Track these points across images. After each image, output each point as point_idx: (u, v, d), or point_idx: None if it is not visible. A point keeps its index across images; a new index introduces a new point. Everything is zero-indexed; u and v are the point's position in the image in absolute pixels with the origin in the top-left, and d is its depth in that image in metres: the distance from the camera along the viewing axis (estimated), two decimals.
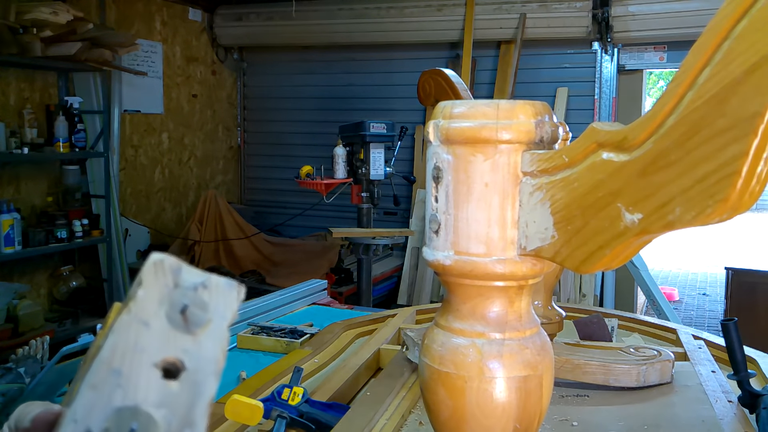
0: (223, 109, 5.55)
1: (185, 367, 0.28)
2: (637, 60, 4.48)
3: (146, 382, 0.28)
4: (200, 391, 0.28)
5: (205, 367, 0.29)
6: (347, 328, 1.42)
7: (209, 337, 0.29)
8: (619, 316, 1.53)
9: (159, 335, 0.28)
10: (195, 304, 0.29)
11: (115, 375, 0.28)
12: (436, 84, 1.14)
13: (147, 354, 0.28)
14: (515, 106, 0.52)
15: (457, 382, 0.54)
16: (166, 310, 0.29)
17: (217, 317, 0.30)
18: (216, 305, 0.30)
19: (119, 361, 0.28)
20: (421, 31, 4.71)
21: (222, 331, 0.30)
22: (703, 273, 7.64)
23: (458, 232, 0.54)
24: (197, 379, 0.29)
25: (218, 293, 0.30)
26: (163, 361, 0.28)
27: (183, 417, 0.28)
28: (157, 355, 0.28)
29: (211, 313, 0.30)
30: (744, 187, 0.40)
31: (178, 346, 0.29)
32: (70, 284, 3.94)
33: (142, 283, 0.29)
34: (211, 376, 0.29)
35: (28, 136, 3.59)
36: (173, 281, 0.29)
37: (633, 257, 0.58)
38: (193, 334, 0.29)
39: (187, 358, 0.29)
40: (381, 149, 3.56)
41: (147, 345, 0.28)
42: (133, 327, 0.28)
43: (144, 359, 0.28)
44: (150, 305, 0.29)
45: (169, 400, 0.28)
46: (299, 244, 4.87)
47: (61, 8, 3.51)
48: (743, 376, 0.95)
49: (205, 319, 0.29)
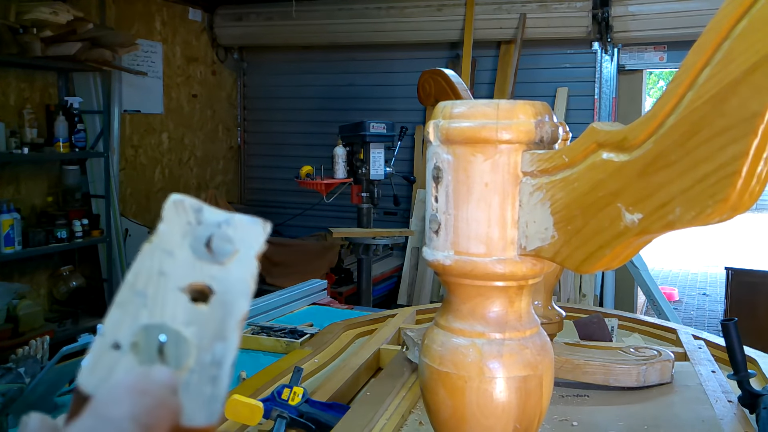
0: (223, 109, 5.55)
1: (213, 291, 0.28)
2: (637, 60, 4.48)
3: (173, 304, 0.27)
4: (231, 310, 0.28)
5: (235, 288, 0.28)
6: (347, 328, 1.42)
7: (237, 265, 0.29)
8: (619, 316, 1.53)
9: (184, 263, 0.28)
10: (220, 237, 0.29)
11: (140, 296, 0.27)
12: (436, 84, 1.14)
13: (172, 279, 0.28)
14: (515, 106, 0.52)
15: (457, 382, 0.54)
16: (190, 242, 0.29)
17: (245, 247, 0.29)
18: (242, 238, 0.29)
19: (143, 284, 0.28)
20: (421, 31, 4.71)
21: (250, 259, 0.29)
22: (703, 273, 7.64)
23: (458, 232, 0.54)
24: (227, 299, 0.28)
25: (243, 228, 0.30)
26: (190, 287, 0.28)
27: (214, 332, 0.27)
28: (182, 281, 0.28)
29: (238, 244, 0.29)
30: (744, 187, 0.40)
31: (205, 273, 0.28)
32: (70, 284, 3.94)
33: (163, 219, 0.29)
34: (242, 296, 0.28)
35: (28, 136, 3.59)
36: (195, 218, 0.29)
37: (633, 257, 0.58)
38: (220, 264, 0.29)
39: (215, 284, 0.28)
40: (381, 149, 3.56)
41: (171, 272, 0.28)
42: (157, 255, 0.28)
43: (169, 284, 0.28)
44: (173, 237, 0.29)
45: (198, 319, 0.27)
46: (299, 244, 4.87)
47: (61, 8, 3.51)
48: (743, 376, 0.95)
49: (232, 250, 0.29)
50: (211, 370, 0.27)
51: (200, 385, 0.27)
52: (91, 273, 4.21)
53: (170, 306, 0.27)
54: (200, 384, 0.27)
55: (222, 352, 0.27)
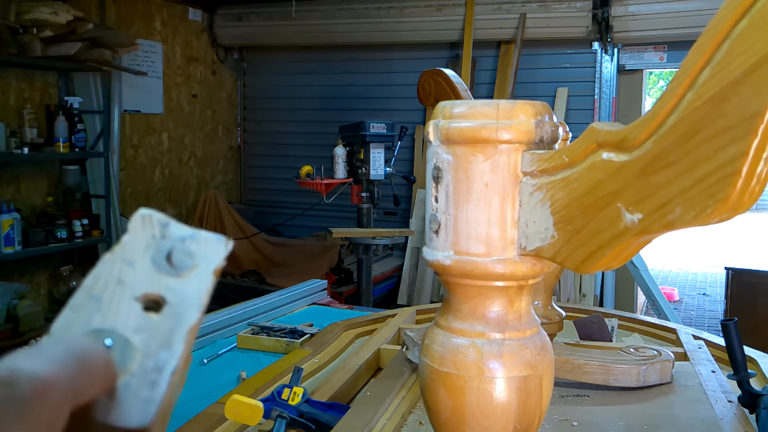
0: (223, 109, 5.55)
1: (167, 301, 0.29)
2: (637, 60, 4.48)
3: (126, 311, 0.28)
4: (181, 321, 0.29)
5: (188, 301, 0.29)
6: (347, 328, 1.42)
7: (195, 278, 0.30)
8: (619, 316, 1.53)
9: (142, 274, 0.29)
10: (181, 251, 0.30)
11: (95, 300, 0.28)
12: (436, 84, 1.14)
13: (129, 288, 0.29)
14: (515, 106, 0.52)
15: (457, 382, 0.54)
16: (151, 254, 0.29)
17: (204, 262, 0.30)
18: (203, 253, 0.30)
19: (100, 289, 0.28)
20: (421, 31, 4.71)
21: (208, 273, 0.30)
22: (703, 273, 7.64)
23: (458, 232, 0.54)
24: (179, 311, 0.29)
25: (206, 244, 0.30)
26: (145, 296, 0.29)
27: (161, 340, 0.28)
28: (138, 290, 0.29)
29: (198, 259, 0.30)
30: (744, 187, 0.40)
31: (162, 285, 0.29)
32: (70, 284, 3.94)
33: (129, 231, 0.30)
34: (194, 308, 0.29)
35: (28, 136, 3.59)
36: (160, 233, 0.30)
37: (633, 257, 0.58)
38: (178, 277, 0.29)
39: (170, 295, 0.29)
40: (381, 149, 3.56)
41: (129, 280, 0.29)
42: (117, 264, 0.29)
43: (126, 292, 0.29)
44: (135, 249, 0.29)
45: (148, 327, 0.28)
46: (299, 244, 4.87)
47: (61, 8, 3.51)
48: (743, 376, 0.95)
49: (191, 264, 0.30)
50: (151, 375, 0.28)
51: (139, 388, 0.27)
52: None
53: (123, 313, 0.28)
54: (139, 387, 0.27)
55: (165, 359, 0.28)
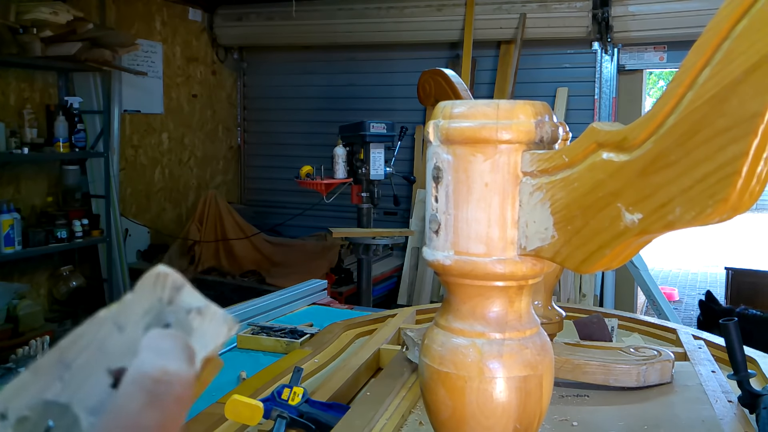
0: (223, 109, 5.55)
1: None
2: (637, 60, 4.48)
3: (92, 385, 0.26)
4: None
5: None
6: (347, 328, 1.42)
7: None
8: (619, 316, 1.53)
9: (129, 343, 0.26)
10: (180, 325, 0.27)
11: (63, 367, 0.26)
12: (436, 84, 1.14)
13: (107, 357, 0.26)
14: (515, 106, 0.52)
15: (457, 382, 0.54)
16: (148, 321, 0.27)
17: (199, 347, 0.27)
18: (202, 334, 0.27)
19: (74, 354, 0.26)
20: (421, 31, 4.71)
21: (197, 360, 0.27)
22: (703, 273, 7.63)
23: (458, 232, 0.54)
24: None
25: (210, 323, 0.28)
26: (120, 370, 0.26)
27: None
28: (116, 362, 0.26)
29: (194, 341, 0.27)
30: (744, 187, 0.40)
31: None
32: (70, 284, 3.94)
33: (135, 289, 0.27)
34: None
35: (28, 136, 3.59)
36: (169, 297, 0.27)
37: (633, 257, 0.58)
38: None
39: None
40: (381, 149, 3.56)
41: (111, 349, 0.26)
42: (106, 326, 0.27)
43: (101, 361, 0.26)
44: (133, 312, 0.27)
45: (104, 407, 0.26)
46: (299, 244, 4.87)
47: (61, 8, 3.51)
48: (743, 376, 0.95)
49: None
50: None
51: None
52: (91, 273, 4.21)
53: (88, 386, 0.26)
54: None
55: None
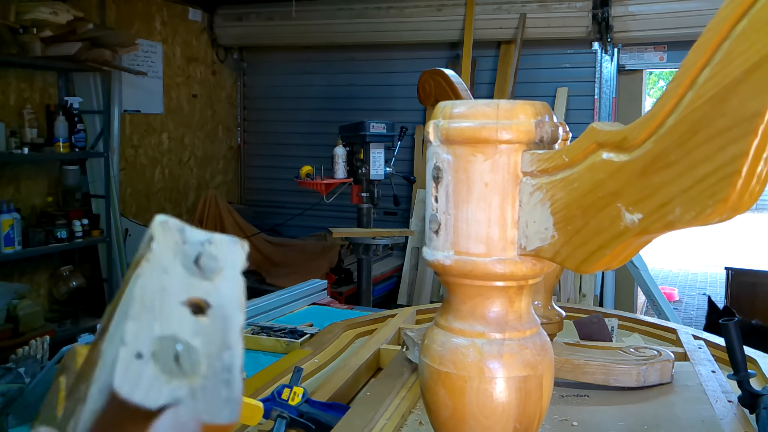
0: (223, 109, 5.55)
1: (210, 305, 0.30)
2: (637, 60, 4.48)
3: (178, 317, 0.29)
4: (230, 323, 0.30)
5: (229, 303, 0.30)
6: (347, 328, 1.42)
7: (226, 281, 0.31)
8: (619, 316, 1.53)
9: (179, 280, 0.30)
10: (207, 255, 0.31)
11: (150, 310, 0.29)
12: (436, 84, 1.14)
13: (173, 294, 0.30)
14: (515, 106, 0.52)
15: (457, 382, 0.54)
16: (180, 260, 0.30)
17: (229, 265, 0.31)
18: (225, 256, 0.31)
19: (150, 299, 0.29)
20: (421, 31, 4.71)
21: (236, 275, 0.31)
22: (703, 273, 7.64)
23: (458, 232, 0.54)
24: (224, 313, 0.30)
25: (224, 247, 0.31)
26: (189, 301, 0.30)
27: (220, 342, 0.29)
28: (181, 296, 0.30)
29: (222, 262, 0.31)
30: (744, 187, 0.40)
31: (199, 289, 0.30)
32: (70, 284, 3.94)
33: (154, 238, 0.30)
34: (237, 309, 0.30)
35: (28, 136, 3.59)
36: (181, 238, 0.31)
37: (633, 257, 0.58)
38: (209, 280, 0.31)
39: (210, 298, 0.30)
40: (381, 149, 3.56)
41: (171, 287, 0.30)
42: (155, 273, 0.30)
43: (172, 299, 0.30)
44: (166, 256, 0.30)
45: (202, 331, 0.29)
46: (299, 244, 4.87)
47: (61, 8, 3.51)
48: (743, 376, 0.95)
49: (218, 267, 0.31)
50: (223, 375, 0.29)
51: (216, 388, 0.28)
52: (91, 273, 4.21)
53: (176, 319, 0.29)
54: (216, 387, 0.28)
55: (230, 360, 0.29)
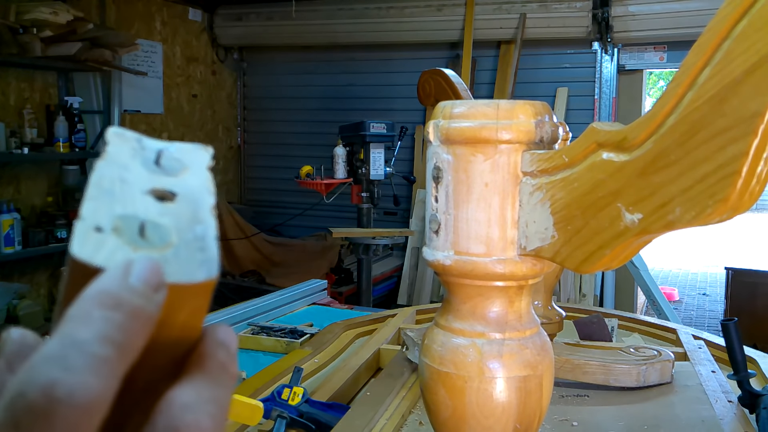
0: (223, 109, 5.55)
1: (176, 194, 0.28)
2: (637, 60, 4.48)
3: (142, 202, 0.28)
4: (199, 203, 0.28)
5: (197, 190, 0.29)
6: (347, 328, 1.42)
7: (192, 176, 0.29)
8: (619, 316, 1.53)
9: (140, 175, 0.28)
10: (168, 156, 0.29)
11: (109, 194, 0.27)
12: (436, 84, 1.14)
13: (134, 185, 0.28)
14: (515, 106, 0.52)
15: (457, 382, 0.54)
16: (140, 160, 0.28)
17: (194, 165, 0.29)
18: (189, 158, 0.29)
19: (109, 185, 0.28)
20: (421, 31, 4.71)
21: (203, 171, 0.29)
22: (703, 273, 7.64)
23: (458, 232, 0.54)
24: (193, 197, 0.28)
25: (187, 151, 0.29)
26: (153, 190, 0.28)
27: (190, 218, 0.28)
28: (144, 187, 0.28)
29: (186, 162, 0.29)
30: (744, 187, 0.40)
31: (164, 183, 0.28)
32: None
33: (108, 143, 0.28)
34: (206, 193, 0.29)
35: (28, 136, 3.59)
36: (139, 145, 0.29)
37: (633, 257, 0.58)
38: (172, 176, 0.29)
39: (177, 189, 0.28)
40: (381, 149, 3.56)
41: (131, 180, 0.28)
42: (113, 168, 0.28)
43: (134, 188, 0.28)
44: (123, 156, 0.28)
45: (170, 212, 0.28)
46: (299, 244, 4.87)
47: (61, 8, 3.51)
48: (743, 376, 0.95)
49: (181, 166, 0.29)
50: (196, 243, 0.27)
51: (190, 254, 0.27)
52: None
53: (140, 203, 0.27)
54: (189, 253, 0.27)
55: (203, 231, 0.28)
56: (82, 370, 0.21)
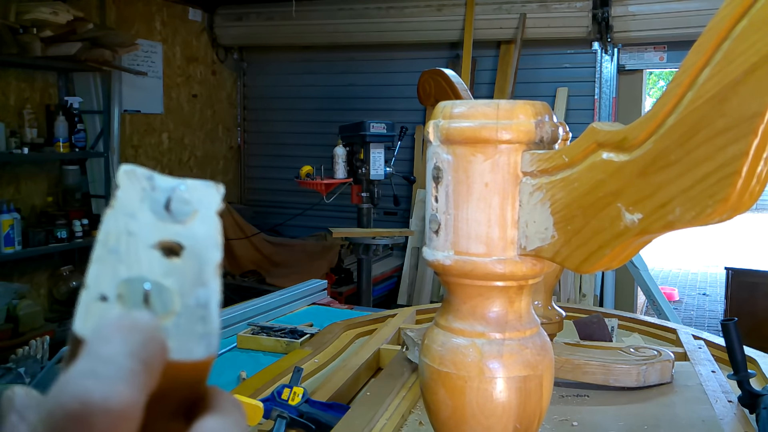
0: (223, 109, 5.55)
1: (183, 246, 0.28)
2: (637, 60, 4.48)
3: (147, 259, 0.27)
4: (205, 260, 0.28)
5: (204, 242, 0.28)
6: (347, 328, 1.42)
7: (200, 223, 0.29)
8: (619, 316, 1.53)
9: (148, 224, 0.28)
10: (177, 199, 0.29)
11: (114, 253, 0.27)
12: (436, 84, 1.14)
13: (140, 238, 0.28)
14: (515, 106, 0.52)
15: (457, 382, 0.54)
16: (149, 205, 0.28)
17: (203, 207, 0.29)
18: (199, 199, 0.29)
19: (115, 243, 0.27)
20: (421, 31, 4.71)
21: (212, 217, 0.29)
22: (703, 273, 7.64)
23: (458, 232, 0.54)
24: (199, 252, 0.28)
25: (197, 190, 0.29)
26: (160, 243, 0.28)
27: (193, 280, 0.27)
28: (150, 239, 0.28)
29: (196, 204, 0.29)
30: (744, 187, 0.40)
31: (171, 232, 0.28)
32: (70, 284, 3.94)
33: (119, 186, 0.28)
34: (213, 247, 0.28)
35: (28, 136, 3.59)
36: (149, 185, 0.29)
37: (633, 257, 0.58)
38: (182, 223, 0.28)
39: (183, 240, 0.28)
40: (381, 149, 3.56)
41: (138, 231, 0.28)
42: (120, 218, 0.28)
43: (139, 243, 0.28)
44: (132, 202, 0.28)
45: (174, 271, 0.27)
46: (299, 244, 4.87)
47: (61, 8, 3.51)
48: (743, 376, 0.95)
49: (191, 210, 0.29)
50: (198, 312, 0.27)
51: (190, 325, 0.27)
52: None
53: (145, 261, 0.27)
54: (190, 324, 0.27)
55: (206, 296, 0.27)
56: (113, 380, 0.22)
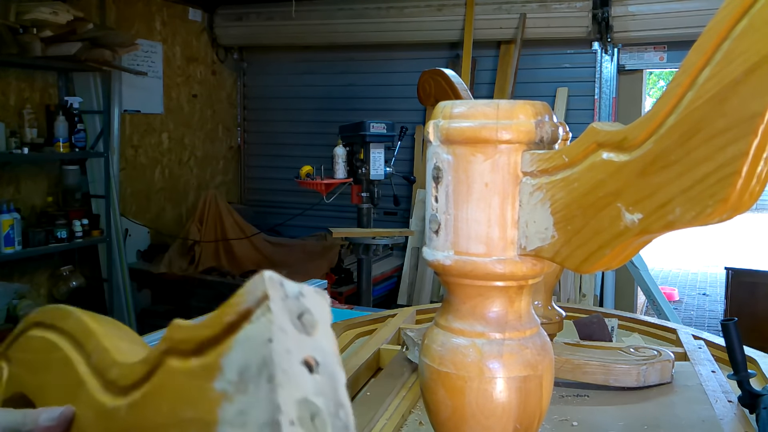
0: (223, 109, 5.54)
1: (318, 362, 0.31)
2: (637, 60, 4.48)
3: (303, 377, 0.30)
4: (337, 379, 0.32)
5: (331, 359, 0.32)
6: (347, 328, 1.42)
7: (323, 336, 0.32)
8: (619, 316, 1.53)
9: (293, 339, 0.31)
10: (304, 310, 0.32)
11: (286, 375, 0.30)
12: (436, 84, 1.14)
13: (294, 355, 0.31)
14: (515, 106, 0.52)
15: (457, 382, 0.54)
16: (290, 318, 0.32)
17: (322, 320, 0.33)
18: (316, 309, 0.33)
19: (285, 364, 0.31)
20: (421, 31, 4.71)
21: (328, 330, 0.33)
22: (703, 273, 7.64)
23: (458, 232, 0.54)
24: (330, 369, 0.31)
25: (313, 299, 0.33)
26: (305, 360, 0.31)
27: (334, 401, 0.31)
28: (299, 355, 0.31)
29: (316, 315, 0.32)
30: (744, 187, 0.40)
31: (307, 346, 0.31)
32: (70, 284, 3.94)
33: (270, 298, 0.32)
34: (338, 366, 0.32)
35: (28, 136, 3.59)
36: (284, 293, 0.32)
37: (633, 257, 0.58)
38: (310, 336, 0.32)
39: (317, 355, 0.31)
40: (381, 149, 3.56)
41: (291, 347, 0.31)
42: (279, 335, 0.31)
43: (293, 359, 0.31)
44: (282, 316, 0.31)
45: (319, 389, 0.31)
46: (299, 244, 4.87)
47: (61, 8, 3.51)
48: (743, 376, 0.95)
49: (314, 321, 0.32)
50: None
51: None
52: (91, 273, 4.21)
53: (302, 380, 0.31)
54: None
55: (346, 418, 0.31)
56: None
